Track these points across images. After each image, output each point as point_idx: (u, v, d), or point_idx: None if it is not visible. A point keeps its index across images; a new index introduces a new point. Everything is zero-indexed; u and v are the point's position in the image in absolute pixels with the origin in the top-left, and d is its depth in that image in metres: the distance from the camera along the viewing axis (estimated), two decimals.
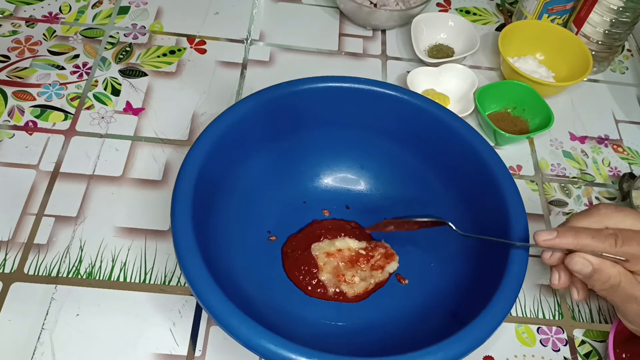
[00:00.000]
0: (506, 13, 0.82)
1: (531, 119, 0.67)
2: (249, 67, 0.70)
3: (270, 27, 0.75)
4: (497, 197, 0.49)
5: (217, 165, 0.49)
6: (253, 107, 0.51)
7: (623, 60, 0.79)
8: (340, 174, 0.58)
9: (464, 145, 0.52)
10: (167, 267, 0.53)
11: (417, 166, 0.56)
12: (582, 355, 0.52)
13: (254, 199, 0.54)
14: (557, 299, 0.55)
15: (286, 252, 0.53)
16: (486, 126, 0.65)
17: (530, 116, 0.67)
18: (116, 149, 0.60)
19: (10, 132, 0.60)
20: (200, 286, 0.40)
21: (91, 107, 0.63)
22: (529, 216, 0.58)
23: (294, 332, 0.46)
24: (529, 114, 0.67)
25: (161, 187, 0.58)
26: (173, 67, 0.68)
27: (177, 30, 0.72)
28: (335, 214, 0.57)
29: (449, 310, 0.47)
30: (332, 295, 0.51)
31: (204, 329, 0.50)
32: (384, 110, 0.54)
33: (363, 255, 0.53)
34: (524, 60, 0.73)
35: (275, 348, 0.38)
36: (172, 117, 0.64)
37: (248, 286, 0.48)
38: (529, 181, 0.64)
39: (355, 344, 0.48)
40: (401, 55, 0.74)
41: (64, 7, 0.73)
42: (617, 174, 0.66)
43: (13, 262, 0.52)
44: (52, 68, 0.66)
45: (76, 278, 0.51)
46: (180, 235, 0.43)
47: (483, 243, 0.49)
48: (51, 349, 0.47)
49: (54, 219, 0.54)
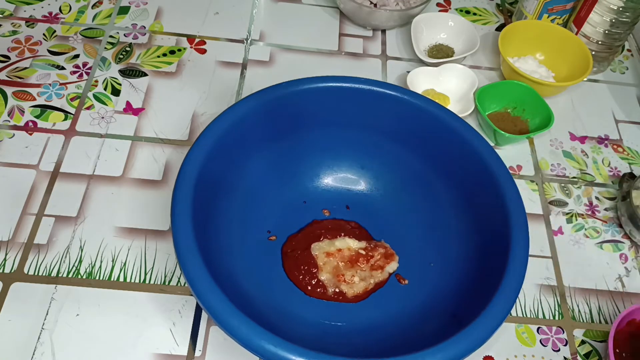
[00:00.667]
0: (506, 13, 0.82)
1: (531, 119, 0.67)
2: (249, 67, 0.70)
3: (270, 27, 0.75)
4: (497, 197, 0.48)
5: (217, 165, 0.49)
6: (253, 107, 0.51)
7: (623, 60, 0.79)
8: (340, 174, 0.58)
9: (464, 145, 0.52)
10: (167, 267, 0.53)
11: (417, 166, 0.56)
12: (582, 355, 0.52)
13: (254, 199, 0.54)
14: (557, 299, 0.55)
15: (286, 252, 0.53)
16: (486, 126, 0.65)
17: (530, 116, 0.67)
18: (116, 149, 0.60)
19: (10, 132, 0.60)
20: (200, 286, 0.40)
21: (91, 107, 0.63)
22: (529, 216, 0.58)
23: (293, 332, 0.46)
24: (529, 114, 0.67)
25: (161, 187, 0.58)
26: (173, 67, 0.68)
27: (177, 30, 0.72)
28: (335, 214, 0.57)
29: (449, 311, 0.47)
30: (331, 295, 0.51)
31: (204, 329, 0.50)
32: (384, 110, 0.54)
33: (363, 255, 0.53)
34: (524, 60, 0.73)
35: (275, 348, 0.38)
36: (172, 117, 0.64)
37: (248, 286, 0.48)
38: (529, 181, 0.64)
39: (354, 344, 0.48)
40: (401, 55, 0.74)
41: (64, 7, 0.73)
42: (617, 174, 0.66)
43: (13, 262, 0.52)
44: (52, 68, 0.66)
45: (76, 278, 0.51)
46: (180, 235, 0.43)
47: (483, 244, 0.49)
48: (51, 349, 0.47)
49: (54, 219, 0.54)
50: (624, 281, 0.57)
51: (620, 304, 0.56)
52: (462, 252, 0.51)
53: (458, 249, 0.52)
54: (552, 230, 0.60)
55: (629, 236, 0.60)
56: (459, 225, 0.53)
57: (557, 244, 0.59)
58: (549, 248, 0.59)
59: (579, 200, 0.63)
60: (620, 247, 0.60)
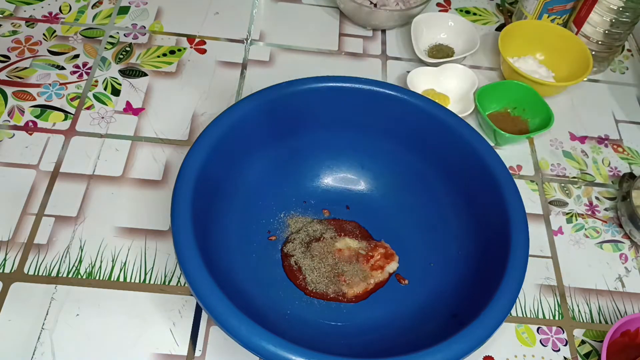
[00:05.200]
0: (506, 13, 0.82)
1: (531, 119, 0.67)
2: (249, 67, 0.70)
3: (270, 27, 0.75)
4: (497, 197, 0.49)
5: (217, 165, 0.49)
6: (253, 107, 0.51)
7: (623, 60, 0.79)
8: (340, 174, 0.58)
9: (464, 145, 0.52)
10: (167, 267, 0.53)
11: (417, 166, 0.56)
12: (582, 355, 0.52)
13: (254, 199, 0.54)
14: (557, 299, 0.55)
15: (286, 252, 0.53)
16: (486, 126, 0.65)
17: (530, 116, 0.67)
18: (116, 149, 0.60)
19: (10, 132, 0.60)
20: (200, 286, 0.40)
21: (91, 107, 0.63)
22: (529, 216, 0.58)
23: (293, 332, 0.46)
24: (529, 114, 0.67)
25: (161, 187, 0.58)
26: (173, 67, 0.68)
27: (177, 30, 0.72)
28: (335, 214, 0.57)
29: (449, 311, 0.47)
30: (331, 295, 0.51)
31: (204, 329, 0.50)
32: (384, 110, 0.54)
33: (363, 255, 0.53)
34: (524, 60, 0.73)
35: (275, 348, 0.38)
36: (172, 117, 0.64)
37: (248, 286, 0.48)
38: (529, 181, 0.64)
39: (354, 344, 0.48)
40: (401, 55, 0.74)
41: (64, 7, 0.73)
42: (617, 174, 0.66)
43: (13, 262, 0.52)
44: (52, 68, 0.66)
45: (76, 278, 0.51)
46: (180, 235, 0.43)
47: (483, 244, 0.49)
48: (51, 349, 0.47)
49: (54, 219, 0.54)
50: (624, 281, 0.57)
51: (620, 304, 0.56)
52: (462, 252, 0.51)
53: (458, 249, 0.52)
54: (552, 230, 0.60)
55: (629, 236, 0.60)
56: (459, 225, 0.53)
57: (557, 244, 0.59)
58: (549, 248, 0.59)
59: (579, 200, 0.63)
60: (620, 247, 0.60)
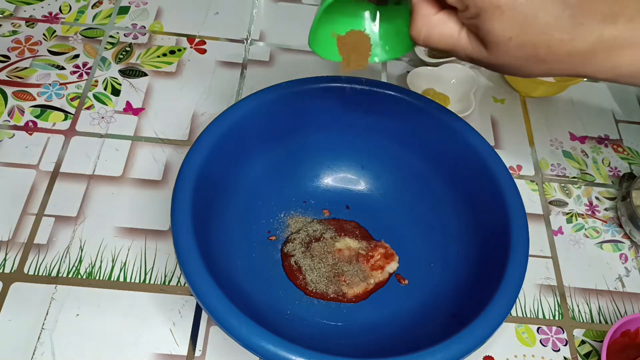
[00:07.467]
0: None
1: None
2: (249, 67, 0.70)
3: (270, 27, 0.75)
4: (497, 197, 0.48)
5: (217, 165, 0.49)
6: (253, 107, 0.51)
7: None
8: (340, 174, 0.58)
9: (464, 146, 0.52)
10: (167, 267, 0.53)
11: (417, 166, 0.56)
12: (582, 355, 0.52)
13: (254, 199, 0.54)
14: (557, 299, 0.55)
15: (286, 252, 0.53)
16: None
17: None
18: (116, 149, 0.60)
19: (10, 132, 0.60)
20: (200, 286, 0.40)
21: (91, 107, 0.63)
22: (529, 216, 0.58)
23: (293, 332, 0.46)
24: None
25: (161, 187, 0.58)
26: (173, 67, 0.68)
27: (177, 30, 0.72)
28: (335, 214, 0.57)
29: (449, 311, 0.47)
30: (331, 295, 0.51)
31: (204, 329, 0.50)
32: (384, 110, 0.54)
33: (363, 255, 0.53)
34: None
35: (275, 348, 0.38)
36: (172, 117, 0.64)
37: (248, 286, 0.48)
38: (529, 181, 0.64)
39: (354, 344, 0.48)
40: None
41: (64, 7, 0.73)
42: (617, 174, 0.66)
43: (13, 262, 0.52)
44: (52, 68, 0.66)
45: (76, 278, 0.51)
46: (180, 235, 0.43)
47: (483, 243, 0.49)
48: (51, 349, 0.47)
49: (54, 219, 0.54)
50: (624, 281, 0.57)
51: (620, 304, 0.56)
52: (462, 252, 0.51)
53: (458, 249, 0.52)
54: (552, 230, 0.60)
55: (629, 236, 0.60)
56: (459, 225, 0.53)
57: (557, 244, 0.59)
58: (549, 248, 0.59)
59: (579, 200, 0.63)
60: (620, 247, 0.60)
